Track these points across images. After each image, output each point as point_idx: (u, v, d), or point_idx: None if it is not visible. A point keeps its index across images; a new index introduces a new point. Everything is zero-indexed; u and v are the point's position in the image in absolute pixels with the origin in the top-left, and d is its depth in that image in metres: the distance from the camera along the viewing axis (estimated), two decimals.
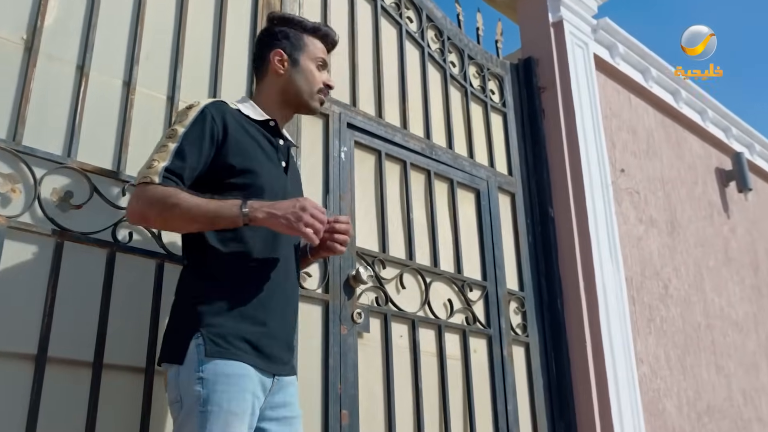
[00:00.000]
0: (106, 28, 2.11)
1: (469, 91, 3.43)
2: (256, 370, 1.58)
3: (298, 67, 1.88)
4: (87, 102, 2.00)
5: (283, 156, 1.85)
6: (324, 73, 1.92)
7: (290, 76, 1.88)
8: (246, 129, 1.76)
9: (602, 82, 4.03)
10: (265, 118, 1.84)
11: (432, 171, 3.04)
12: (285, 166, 1.85)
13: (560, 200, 3.48)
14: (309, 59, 1.89)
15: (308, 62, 1.89)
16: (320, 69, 1.91)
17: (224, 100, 1.81)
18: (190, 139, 1.64)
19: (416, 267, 2.79)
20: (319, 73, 1.90)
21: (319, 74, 1.90)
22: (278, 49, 1.88)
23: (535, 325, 3.24)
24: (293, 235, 1.73)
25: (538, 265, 3.38)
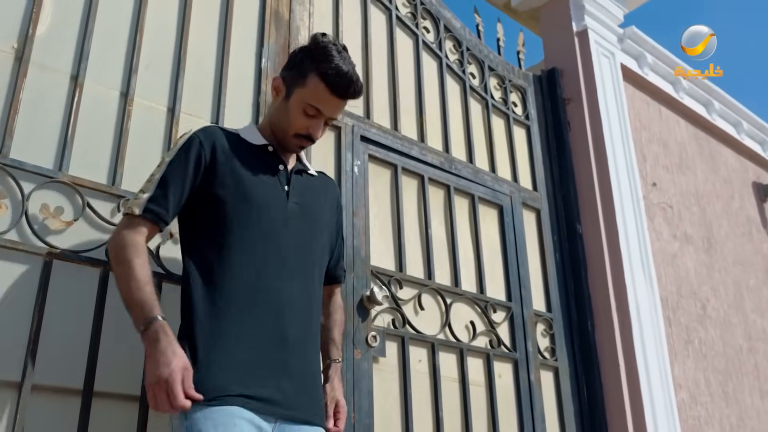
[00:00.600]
0: (103, 37, 2.01)
1: (490, 103, 3.29)
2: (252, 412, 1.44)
3: (287, 102, 1.68)
4: (81, 113, 1.90)
5: (285, 181, 1.69)
6: (314, 120, 1.66)
7: (278, 109, 1.72)
8: (239, 153, 1.64)
9: (630, 94, 3.86)
10: (263, 144, 1.71)
11: (452, 186, 2.89)
12: (289, 189, 1.68)
13: (588, 216, 3.30)
14: (299, 100, 1.64)
15: (297, 103, 1.65)
16: (308, 115, 1.65)
17: (219, 126, 1.72)
18: (174, 166, 1.57)
19: (436, 287, 2.63)
20: (304, 118, 1.65)
21: (302, 120, 1.65)
22: (279, 77, 1.73)
23: (564, 349, 3.05)
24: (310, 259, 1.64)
25: (567, 284, 3.20)
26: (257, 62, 2.37)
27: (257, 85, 2.34)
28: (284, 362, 1.53)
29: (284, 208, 1.65)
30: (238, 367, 1.46)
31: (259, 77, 2.35)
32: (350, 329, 2.29)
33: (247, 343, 1.50)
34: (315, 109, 1.64)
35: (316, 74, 1.62)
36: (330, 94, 1.63)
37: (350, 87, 1.63)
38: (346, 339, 2.27)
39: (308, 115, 1.65)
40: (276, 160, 1.70)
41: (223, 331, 1.49)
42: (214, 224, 1.57)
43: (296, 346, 1.57)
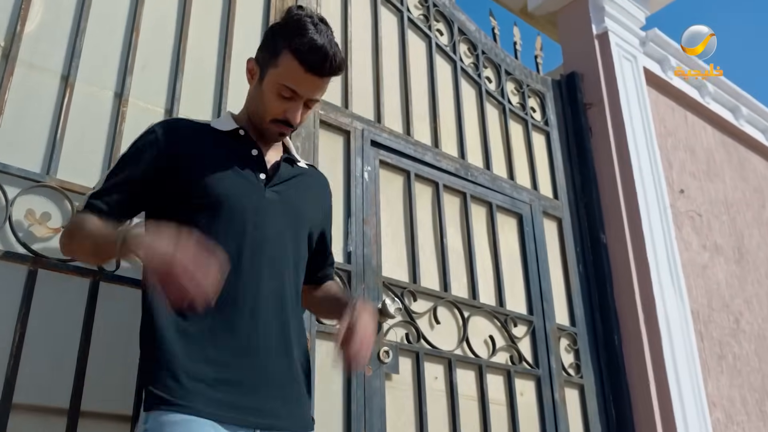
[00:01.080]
0: (96, 35, 1.91)
1: (508, 108, 3.15)
2: (220, 424, 1.28)
3: (261, 85, 1.49)
4: (71, 114, 1.79)
5: (260, 168, 1.50)
6: (291, 103, 1.46)
7: (252, 92, 1.54)
8: (204, 142, 1.49)
9: (654, 98, 3.70)
10: (233, 128, 1.53)
11: (468, 193, 2.75)
12: (267, 178, 1.50)
13: (613, 225, 3.14)
14: (273, 81, 1.45)
15: (270, 85, 1.46)
16: (284, 98, 1.45)
17: (185, 118, 1.57)
18: (126, 158, 1.47)
19: (452, 299, 2.48)
20: (279, 101, 1.46)
21: (277, 103, 1.46)
22: (252, 58, 1.55)
23: (589, 365, 2.87)
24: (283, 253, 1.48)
25: (591, 297, 3.03)
26: None
27: None
28: (261, 367, 1.37)
29: (260, 196, 1.48)
30: (208, 374, 1.31)
31: None
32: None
33: (217, 348, 1.34)
34: (290, 91, 1.44)
35: (288, 51, 1.42)
36: (305, 72, 1.41)
37: (326, 62, 1.41)
38: None
39: (284, 98, 1.45)
40: (247, 145, 1.52)
41: (190, 334, 1.33)
42: (177, 222, 1.37)
43: (273, 350, 1.41)
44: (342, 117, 2.42)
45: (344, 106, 2.46)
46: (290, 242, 1.51)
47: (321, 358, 2.07)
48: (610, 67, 3.43)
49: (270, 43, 1.49)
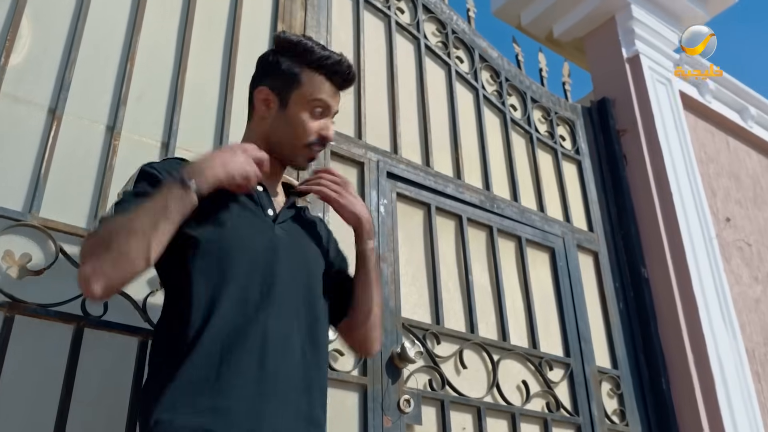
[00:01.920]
0: (88, 66, 1.81)
1: (535, 137, 2.98)
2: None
3: (284, 112, 1.42)
4: (58, 149, 1.67)
5: (267, 205, 1.40)
6: (324, 120, 1.43)
7: (273, 123, 1.43)
8: None
9: (692, 123, 3.49)
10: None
11: (494, 227, 2.56)
12: (274, 215, 1.40)
13: (655, 258, 2.91)
14: (302, 101, 1.41)
15: (299, 106, 1.41)
16: (316, 115, 1.42)
17: (180, 158, 1.44)
18: (134, 191, 1.29)
19: (480, 342, 2.28)
20: (312, 120, 1.41)
21: (311, 123, 1.41)
22: (263, 87, 1.45)
23: (635, 411, 2.61)
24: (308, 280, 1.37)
25: (634, 336, 2.79)
26: None
27: None
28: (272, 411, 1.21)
29: (271, 234, 1.36)
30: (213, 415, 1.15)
31: None
32: (378, 392, 1.95)
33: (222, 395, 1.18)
34: (322, 105, 1.42)
35: (308, 68, 1.42)
36: (331, 84, 1.43)
37: (349, 70, 1.45)
38: (374, 403, 1.94)
39: (316, 115, 1.42)
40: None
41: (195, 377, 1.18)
42: (185, 267, 1.27)
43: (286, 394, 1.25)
44: (355, 148, 2.27)
45: (357, 136, 2.32)
46: (305, 282, 1.39)
47: (334, 407, 1.87)
48: (644, 91, 3.24)
49: (277, 67, 1.44)
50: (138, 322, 1.62)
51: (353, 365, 1.96)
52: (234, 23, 2.16)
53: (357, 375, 1.96)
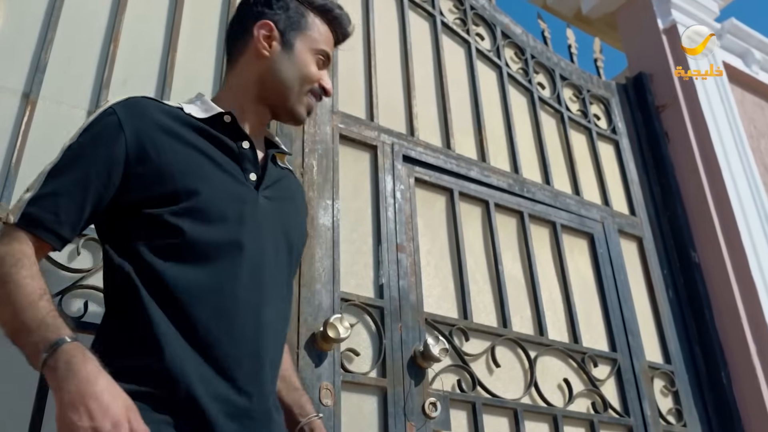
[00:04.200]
0: (67, 47, 1.66)
1: (566, 116, 2.75)
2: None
3: (290, 52, 1.26)
4: (32, 136, 1.53)
5: (251, 166, 1.19)
6: (323, 71, 1.31)
7: (276, 62, 1.25)
8: (180, 134, 1.13)
9: (739, 96, 3.22)
10: (215, 112, 1.20)
11: (525, 212, 2.35)
12: (257, 179, 1.20)
13: (706, 241, 2.65)
14: (308, 46, 1.28)
15: (306, 49, 1.28)
16: (319, 65, 1.30)
17: (150, 97, 1.20)
18: (77, 150, 1.07)
19: (514, 337, 2.06)
20: (316, 68, 1.29)
21: (316, 71, 1.29)
22: (267, 20, 1.27)
23: (693, 410, 2.35)
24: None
25: (687, 328, 2.53)
26: None
27: None
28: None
29: (253, 202, 1.16)
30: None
31: None
32: (399, 395, 1.75)
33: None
34: (325, 54, 1.32)
35: (314, 13, 1.32)
36: (332, 37, 1.34)
37: (347, 29, 1.37)
38: (395, 408, 1.73)
39: (319, 64, 1.31)
40: (236, 135, 1.20)
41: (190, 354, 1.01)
42: (149, 241, 1.06)
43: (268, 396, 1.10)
44: (367, 130, 2.09)
45: (369, 118, 2.13)
46: (285, 262, 1.22)
47: (349, 413, 1.68)
48: (684, 63, 2.99)
49: (289, 7, 1.30)
50: None
51: (370, 366, 1.76)
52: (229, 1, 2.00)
53: (375, 377, 1.75)
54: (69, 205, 1.03)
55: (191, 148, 1.13)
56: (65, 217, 1.03)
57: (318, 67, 1.29)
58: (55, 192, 1.03)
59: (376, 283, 1.88)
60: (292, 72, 1.26)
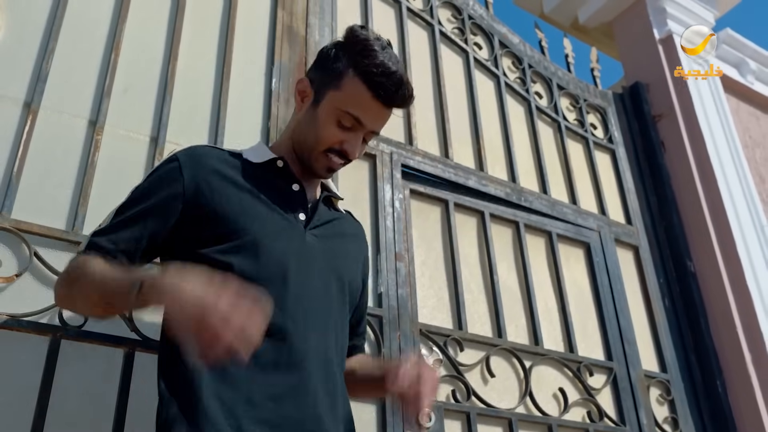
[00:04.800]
0: (68, 57, 1.67)
1: (563, 125, 2.77)
2: None
3: (316, 110, 1.25)
4: (33, 145, 1.53)
5: (300, 207, 1.24)
6: (351, 133, 1.23)
7: (303, 117, 1.27)
8: (236, 177, 1.21)
9: (734, 106, 3.25)
10: (270, 158, 1.26)
11: (521, 222, 2.36)
12: (306, 219, 1.23)
13: (701, 250, 2.67)
14: (335, 107, 1.22)
15: (330, 110, 1.22)
16: (344, 128, 1.22)
17: (213, 146, 1.29)
18: (141, 190, 1.19)
19: (509, 347, 2.07)
20: (338, 130, 1.22)
21: (336, 131, 1.22)
22: (305, 78, 1.30)
23: (689, 419, 2.37)
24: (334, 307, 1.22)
25: (683, 336, 2.55)
26: (267, 83, 1.98)
27: (266, 108, 1.94)
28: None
29: (301, 239, 1.20)
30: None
31: (269, 100, 1.95)
32: (396, 405, 1.76)
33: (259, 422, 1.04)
34: (353, 119, 1.21)
35: (355, 73, 1.20)
36: (373, 99, 1.20)
37: (399, 90, 1.20)
38: (392, 417, 1.74)
39: (343, 127, 1.22)
40: (286, 179, 1.26)
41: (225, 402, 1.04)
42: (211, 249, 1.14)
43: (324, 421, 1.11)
44: None
45: None
46: (335, 295, 1.23)
47: None
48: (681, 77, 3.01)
49: (329, 62, 1.26)
50: (123, 332, 1.46)
51: None
52: (230, 8, 2.01)
53: None
54: (127, 237, 1.14)
55: (244, 191, 1.19)
56: (124, 245, 1.14)
57: (342, 128, 1.22)
58: (117, 225, 1.15)
59: (375, 291, 1.88)
60: (310, 129, 1.25)
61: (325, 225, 1.27)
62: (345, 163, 1.27)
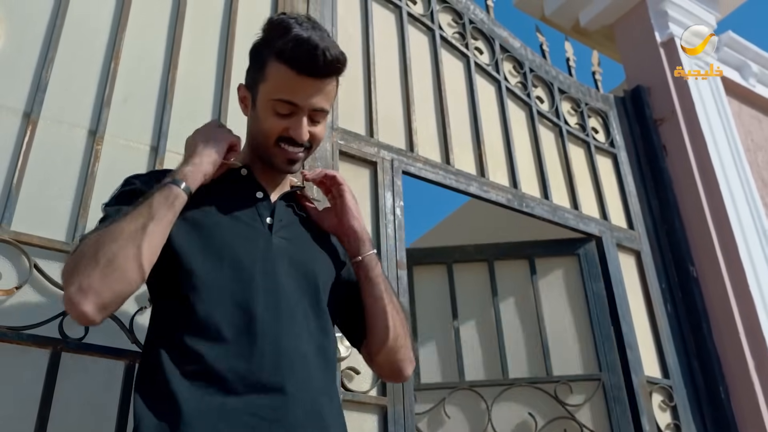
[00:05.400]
0: (68, 65, 1.66)
1: (565, 130, 2.76)
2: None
3: (255, 110, 1.24)
4: (33, 156, 1.52)
5: (266, 212, 1.23)
6: (292, 118, 1.20)
7: (250, 121, 1.29)
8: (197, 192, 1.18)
9: (736, 109, 3.24)
10: (233, 167, 1.27)
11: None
12: (272, 222, 1.22)
13: (704, 255, 2.66)
14: (266, 98, 1.20)
15: (263, 105, 1.21)
16: (283, 115, 1.20)
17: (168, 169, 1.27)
18: (112, 206, 1.17)
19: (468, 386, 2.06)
20: (278, 119, 1.20)
21: (276, 121, 1.20)
22: (241, 84, 1.30)
23: (692, 425, 2.36)
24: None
25: (686, 341, 2.54)
26: None
27: None
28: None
29: (267, 243, 1.19)
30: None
31: None
32: (399, 414, 1.75)
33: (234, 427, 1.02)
34: (286, 104, 1.18)
35: (274, 58, 1.17)
36: (296, 75, 1.16)
37: (318, 56, 1.14)
38: (395, 427, 1.73)
39: (282, 115, 1.20)
40: (250, 186, 1.26)
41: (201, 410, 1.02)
42: (173, 287, 1.13)
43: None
44: (367, 146, 2.09)
45: (369, 134, 2.14)
46: (307, 295, 1.20)
47: None
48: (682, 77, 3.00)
49: (254, 58, 1.25)
50: (124, 344, 1.45)
51: (371, 384, 1.76)
52: (230, 16, 2.00)
53: (375, 395, 1.76)
54: None
55: (207, 201, 1.19)
56: None
57: (279, 116, 1.20)
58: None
59: None
60: (257, 130, 1.25)
61: (292, 226, 1.26)
62: (305, 150, 1.24)
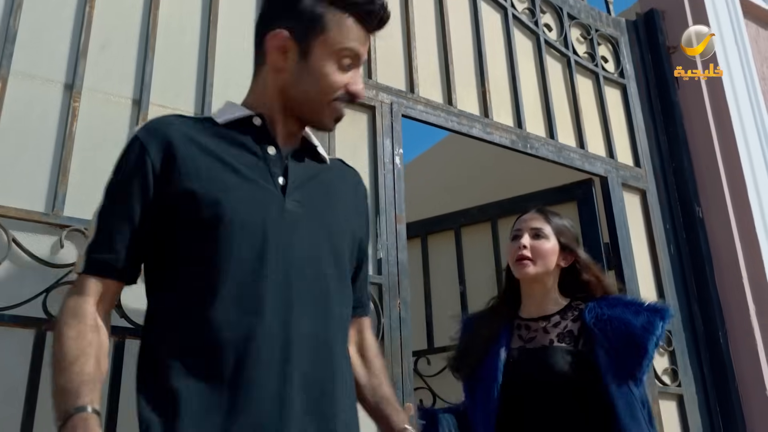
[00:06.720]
0: (38, 13, 1.52)
1: (573, 59, 2.61)
2: None
3: (307, 63, 1.14)
4: (3, 116, 1.41)
5: (279, 171, 1.12)
6: (353, 71, 1.16)
7: (294, 75, 1.15)
8: (207, 143, 1.09)
9: (754, 34, 3.07)
10: (245, 115, 1.15)
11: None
12: (285, 183, 1.11)
13: (711, 195, 2.58)
14: (328, 51, 1.13)
15: (325, 57, 1.13)
16: (345, 68, 1.15)
17: (178, 115, 1.17)
18: (114, 190, 1.08)
19: None
20: (340, 74, 1.14)
21: (339, 76, 1.14)
22: (280, 30, 1.14)
23: (689, 370, 2.36)
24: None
25: (687, 285, 2.50)
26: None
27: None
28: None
29: (279, 209, 1.08)
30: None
31: None
32: (398, 376, 1.72)
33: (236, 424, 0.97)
34: (352, 53, 1.15)
35: (335, 8, 1.13)
36: (360, 27, 1.16)
37: (383, 10, 1.17)
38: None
39: (344, 68, 1.15)
40: (263, 139, 1.14)
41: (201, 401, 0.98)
42: (178, 253, 1.05)
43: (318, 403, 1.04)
44: (365, 89, 1.96)
45: (367, 75, 2.00)
46: (329, 266, 1.12)
47: None
48: (697, 14, 2.82)
49: (296, 5, 1.14)
50: (114, 320, 1.39)
51: None
52: None
53: None
54: (124, 241, 1.04)
55: (214, 159, 1.08)
56: (124, 252, 1.04)
57: (343, 69, 1.15)
58: (108, 232, 1.05)
59: (374, 257, 1.81)
60: (311, 85, 1.14)
61: (308, 184, 1.15)
62: (354, 102, 1.22)
